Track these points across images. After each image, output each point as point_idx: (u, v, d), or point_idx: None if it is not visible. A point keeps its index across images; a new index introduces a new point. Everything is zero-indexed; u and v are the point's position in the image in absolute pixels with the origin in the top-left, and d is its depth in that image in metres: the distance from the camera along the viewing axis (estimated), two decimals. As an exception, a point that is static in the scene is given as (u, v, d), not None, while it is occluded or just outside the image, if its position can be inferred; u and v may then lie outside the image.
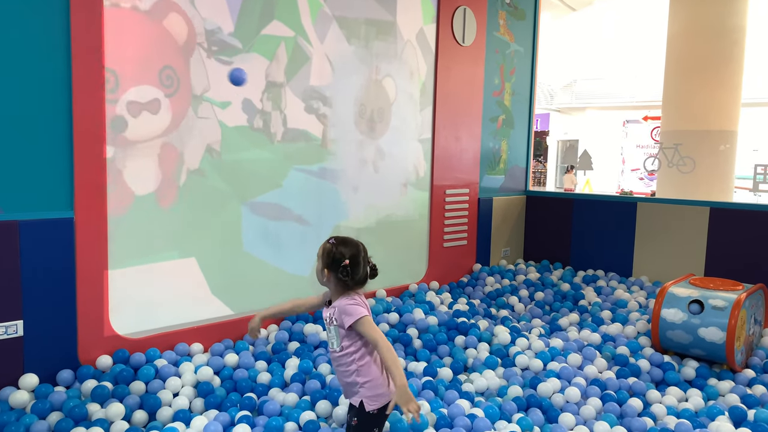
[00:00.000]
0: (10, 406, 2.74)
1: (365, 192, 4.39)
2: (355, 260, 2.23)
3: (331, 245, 2.26)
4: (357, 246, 2.28)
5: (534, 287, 4.93)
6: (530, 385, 3.21)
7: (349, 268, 2.21)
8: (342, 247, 2.25)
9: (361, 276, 2.25)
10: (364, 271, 2.26)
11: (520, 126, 5.77)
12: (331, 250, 2.25)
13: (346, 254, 2.22)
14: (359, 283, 2.26)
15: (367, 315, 2.22)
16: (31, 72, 2.84)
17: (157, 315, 3.37)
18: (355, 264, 2.23)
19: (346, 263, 2.21)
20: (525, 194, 5.88)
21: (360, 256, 2.25)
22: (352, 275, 2.22)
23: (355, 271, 2.22)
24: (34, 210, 2.90)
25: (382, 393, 2.25)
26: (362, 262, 2.25)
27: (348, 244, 2.26)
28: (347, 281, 2.22)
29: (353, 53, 4.24)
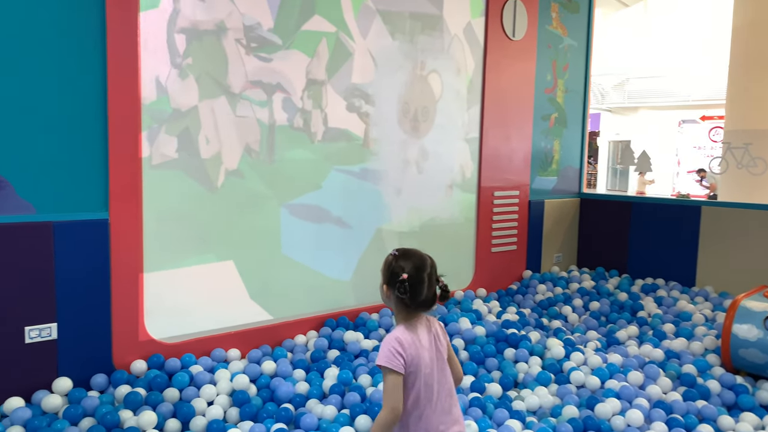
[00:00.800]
0: (42, 410, 2.67)
1: (408, 194, 4.20)
2: (417, 276, 1.84)
3: (392, 257, 1.92)
4: (422, 259, 1.90)
5: (589, 296, 4.64)
6: (587, 406, 2.96)
7: (407, 284, 1.83)
8: (403, 260, 1.88)
9: (424, 297, 1.85)
10: (431, 292, 1.86)
11: (573, 124, 5.47)
12: (391, 263, 1.90)
13: (406, 268, 1.86)
14: (422, 305, 1.86)
15: (390, 369, 1.79)
16: (66, 73, 2.77)
17: (194, 319, 3.27)
18: (418, 281, 1.84)
19: (404, 278, 1.84)
20: (579, 197, 5.58)
21: (424, 272, 1.86)
22: (412, 294, 1.83)
23: (415, 290, 1.84)
24: (68, 211, 2.83)
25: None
26: (427, 280, 1.86)
27: (411, 257, 1.90)
28: (405, 300, 1.84)
29: (397, 49, 4.05)
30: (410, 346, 1.83)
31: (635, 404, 2.91)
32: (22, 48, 2.64)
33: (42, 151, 2.73)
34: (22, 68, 2.64)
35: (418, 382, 1.84)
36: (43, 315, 2.77)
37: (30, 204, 2.72)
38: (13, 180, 2.67)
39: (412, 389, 1.84)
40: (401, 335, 1.85)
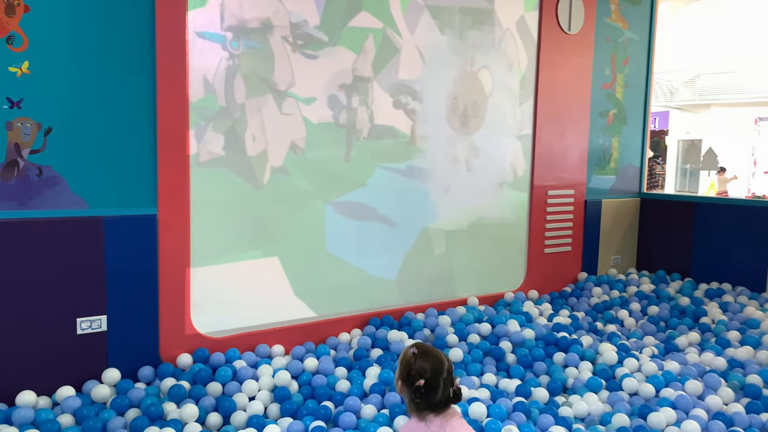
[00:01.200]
0: (92, 399, 2.76)
1: (457, 192, 4.11)
2: (433, 381, 1.82)
3: (411, 355, 1.88)
4: (440, 362, 1.86)
5: (647, 300, 4.42)
6: (639, 414, 2.80)
7: (422, 390, 1.81)
8: (422, 361, 1.84)
9: (438, 400, 1.83)
10: (444, 395, 1.83)
11: (633, 121, 5.23)
12: (410, 363, 1.86)
13: (423, 372, 1.82)
14: (434, 407, 1.84)
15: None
16: (117, 72, 2.85)
17: (239, 315, 3.31)
18: (433, 386, 1.82)
19: (420, 384, 1.81)
20: (639, 196, 5.33)
21: (441, 376, 1.83)
22: (426, 399, 1.82)
23: (430, 394, 1.82)
24: (118, 206, 2.91)
25: None
26: (442, 385, 1.83)
27: (429, 359, 1.85)
28: (419, 404, 1.83)
29: (446, 44, 3.98)
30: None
31: (692, 415, 2.74)
32: (73, 48, 2.73)
33: (94, 149, 2.83)
34: (74, 68, 2.74)
35: None
36: (93, 307, 2.86)
37: (83, 199, 2.82)
38: (67, 176, 2.77)
39: None
40: (414, 427, 1.86)
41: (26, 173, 2.68)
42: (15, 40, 2.61)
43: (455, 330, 3.65)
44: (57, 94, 2.71)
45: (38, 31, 2.65)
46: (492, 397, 2.93)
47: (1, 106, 2.60)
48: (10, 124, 2.63)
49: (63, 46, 2.71)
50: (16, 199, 2.66)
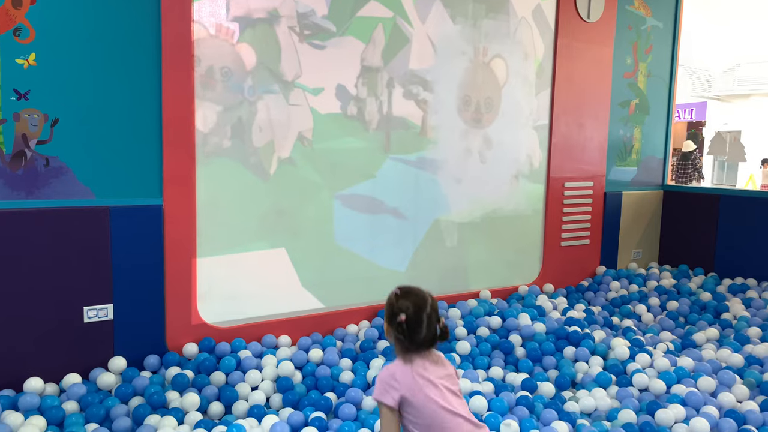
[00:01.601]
0: (97, 387, 2.80)
1: (469, 184, 4.05)
2: (415, 317, 1.81)
3: (393, 295, 1.89)
4: (423, 299, 1.85)
5: (667, 295, 4.30)
6: (647, 411, 2.73)
7: (405, 326, 1.81)
8: (403, 300, 1.85)
9: (423, 337, 1.82)
10: (429, 333, 1.83)
11: (657, 111, 5.08)
12: (392, 302, 1.87)
13: (404, 308, 1.82)
14: (420, 345, 1.83)
15: (384, 404, 1.80)
16: (123, 63, 2.88)
17: (246, 305, 3.32)
18: (416, 322, 1.81)
19: (402, 320, 1.81)
20: (662, 189, 5.18)
21: (423, 312, 1.82)
22: (410, 335, 1.81)
23: (413, 331, 1.81)
24: (124, 196, 2.94)
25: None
26: (426, 321, 1.82)
27: (410, 296, 1.86)
28: (403, 341, 1.83)
29: (459, 33, 3.92)
30: (405, 378, 1.80)
31: (702, 412, 2.65)
32: (79, 40, 2.76)
33: (100, 139, 2.86)
34: (80, 60, 2.77)
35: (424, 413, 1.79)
36: (100, 296, 2.91)
37: (89, 189, 2.86)
38: (74, 166, 2.81)
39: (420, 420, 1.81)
40: (397, 369, 1.83)
41: (34, 163, 2.73)
42: (22, 32, 2.65)
43: (464, 323, 3.61)
44: (63, 86, 2.75)
45: (44, 22, 2.68)
46: (496, 391, 2.89)
47: (9, 97, 2.65)
48: (17, 115, 2.67)
49: (69, 37, 2.74)
50: (23, 189, 2.71)
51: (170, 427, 2.48)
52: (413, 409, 1.80)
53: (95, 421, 2.54)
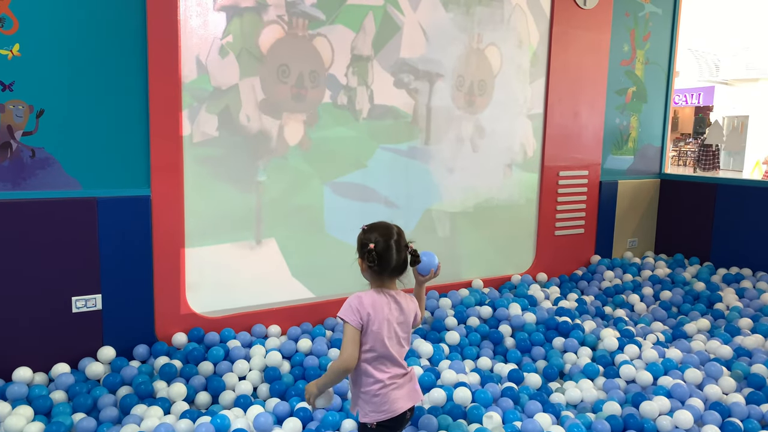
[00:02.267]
0: (86, 376, 2.82)
1: (462, 173, 4.03)
2: (384, 245, 1.94)
3: (361, 231, 2.03)
4: (388, 228, 1.99)
5: (661, 285, 4.28)
6: (632, 403, 2.73)
7: (374, 253, 1.93)
8: (370, 232, 1.99)
9: (393, 263, 1.95)
10: (399, 258, 1.96)
11: (655, 99, 5.04)
12: (361, 237, 2.01)
13: (372, 239, 1.95)
14: (393, 272, 1.98)
15: (347, 323, 1.92)
16: (108, 53, 2.86)
17: (235, 295, 3.33)
18: (384, 249, 1.94)
19: (371, 247, 1.93)
20: (659, 177, 5.15)
21: (391, 239, 1.95)
22: (380, 262, 1.94)
23: (383, 257, 1.93)
24: (112, 187, 2.94)
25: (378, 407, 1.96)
26: (394, 247, 1.95)
27: (377, 229, 1.99)
28: (375, 267, 1.94)
29: (451, 21, 3.88)
30: (371, 306, 1.93)
31: (687, 405, 2.65)
32: (64, 30, 2.75)
33: (87, 130, 2.85)
34: (65, 50, 2.76)
35: (376, 343, 1.93)
36: (88, 286, 2.92)
37: (76, 180, 2.86)
38: (60, 158, 2.81)
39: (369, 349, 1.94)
40: (365, 295, 1.96)
41: (19, 155, 2.73)
42: (5, 23, 2.64)
43: (455, 312, 3.61)
44: (49, 76, 2.74)
45: (28, 13, 2.67)
46: (482, 382, 2.89)
47: (-7, 88, 2.65)
48: (2, 107, 2.67)
49: (53, 28, 2.73)
50: (9, 180, 2.72)
51: (156, 417, 2.50)
52: (365, 336, 1.94)
53: (82, 410, 2.57)
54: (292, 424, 2.45)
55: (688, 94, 20.70)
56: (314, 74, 3.41)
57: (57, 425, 2.35)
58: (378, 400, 1.95)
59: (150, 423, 2.41)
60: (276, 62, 3.29)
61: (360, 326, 1.93)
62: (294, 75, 3.35)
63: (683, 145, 20.75)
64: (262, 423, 2.45)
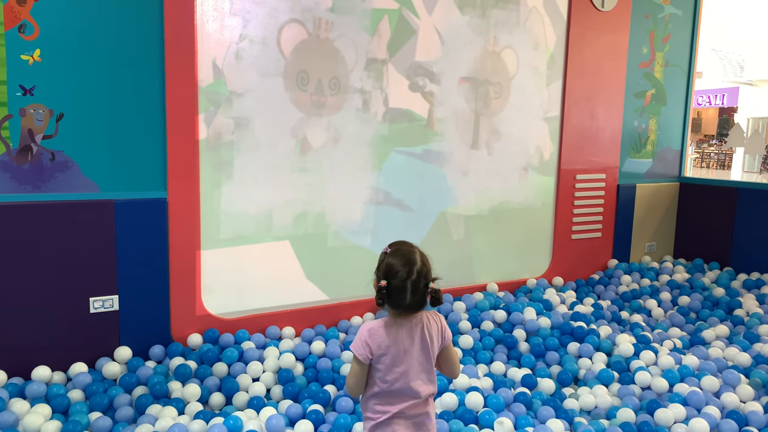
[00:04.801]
0: (103, 376, 2.87)
1: (477, 176, 4.02)
2: (396, 282, 1.67)
3: (383, 253, 1.76)
4: (409, 263, 1.69)
5: (679, 290, 4.23)
6: (647, 410, 2.70)
7: (384, 292, 1.67)
8: (391, 259, 1.71)
9: (408, 303, 1.68)
10: (415, 299, 1.68)
11: (674, 101, 4.97)
12: (381, 259, 1.75)
13: (389, 272, 1.68)
14: (405, 309, 1.72)
15: (355, 357, 1.75)
16: (126, 58, 2.91)
17: (250, 296, 3.36)
18: (398, 289, 1.66)
19: (383, 285, 1.68)
20: (678, 181, 5.08)
21: (408, 279, 1.66)
22: (390, 301, 1.69)
23: (394, 297, 1.68)
24: (129, 190, 2.99)
25: None
26: (410, 288, 1.66)
27: (399, 257, 1.70)
28: (382, 305, 1.69)
29: (467, 24, 3.87)
30: (383, 340, 1.74)
31: (703, 413, 2.61)
32: (83, 35, 2.80)
33: (105, 134, 2.90)
34: (84, 55, 2.81)
35: (387, 375, 1.75)
36: (105, 287, 2.96)
37: (94, 183, 2.91)
38: (79, 160, 2.86)
39: (378, 381, 1.76)
40: (377, 328, 1.75)
41: (39, 158, 2.78)
42: (26, 29, 2.70)
43: (469, 316, 3.60)
44: (68, 81, 2.79)
45: (49, 19, 2.72)
46: (495, 387, 2.88)
47: (15, 93, 2.70)
48: (23, 111, 2.73)
49: (73, 33, 2.78)
50: (30, 183, 2.77)
51: (170, 417, 2.53)
52: (374, 371, 1.76)
53: (99, 410, 2.61)
54: (304, 427, 2.46)
55: (711, 95, 20.38)
56: (332, 78, 3.43)
57: (74, 424, 2.39)
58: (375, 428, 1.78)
59: (164, 423, 2.44)
60: (292, 66, 3.32)
61: (368, 361, 1.75)
62: (311, 79, 3.37)
63: (706, 147, 20.44)
64: (274, 425, 2.46)
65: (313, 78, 3.37)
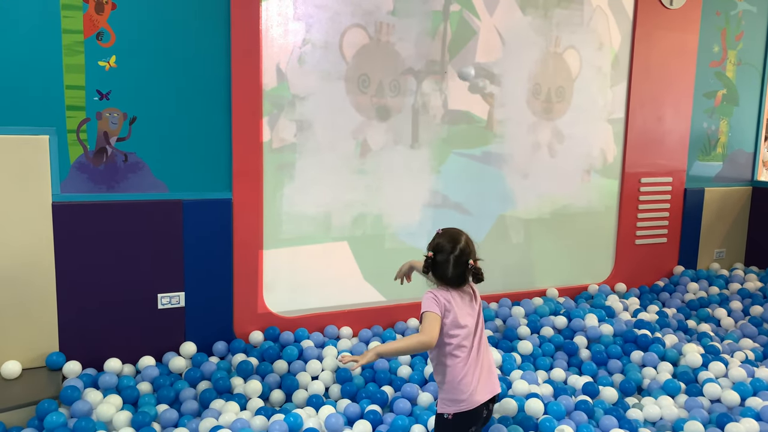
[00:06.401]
0: (169, 370, 2.98)
1: (537, 179, 3.96)
2: (441, 257, 2.01)
3: (436, 233, 2.09)
4: (454, 240, 2.03)
5: (752, 299, 4.04)
6: (717, 423, 2.59)
7: (430, 261, 2.02)
8: (440, 239, 2.05)
9: (450, 276, 2.02)
10: (456, 273, 2.02)
11: (747, 102, 4.75)
12: (433, 239, 2.08)
13: (438, 248, 2.03)
14: (448, 282, 2.04)
15: (430, 312, 1.98)
16: (195, 64, 3.01)
17: (310, 296, 3.42)
18: (442, 262, 2.01)
19: (429, 256, 2.02)
20: (751, 185, 4.86)
21: (452, 254, 2.00)
22: (435, 271, 2.04)
23: (438, 269, 2.03)
24: (196, 190, 3.09)
25: (457, 399, 2.02)
26: (452, 262, 2.00)
27: (446, 236, 2.05)
28: (428, 275, 2.06)
29: (528, 24, 3.82)
30: (445, 299, 2.00)
31: (778, 429, 2.49)
32: (155, 42, 2.92)
33: (174, 137, 3.01)
34: (155, 61, 2.93)
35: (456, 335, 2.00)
36: (173, 284, 3.08)
37: (164, 183, 3.02)
38: (150, 162, 2.99)
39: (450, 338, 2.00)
40: (435, 291, 2.04)
41: (114, 159, 2.92)
42: (104, 36, 2.83)
43: (528, 322, 3.55)
44: (140, 86, 2.92)
45: (124, 26, 2.85)
46: (555, 394, 2.83)
47: (92, 97, 2.84)
48: (99, 114, 2.86)
49: (145, 40, 2.90)
50: (104, 183, 2.91)
51: (233, 412, 2.60)
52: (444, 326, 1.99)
53: (166, 402, 2.71)
54: (362, 427, 2.48)
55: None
56: (392, 81, 3.45)
57: (143, 415, 2.49)
58: (460, 395, 2.00)
59: (227, 418, 2.51)
60: (353, 69, 3.35)
61: (441, 313, 1.99)
62: (372, 82, 3.40)
63: None
64: (333, 423, 2.49)
65: (373, 81, 3.40)
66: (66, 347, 2.88)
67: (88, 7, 2.78)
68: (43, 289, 2.82)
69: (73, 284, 2.86)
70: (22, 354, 2.81)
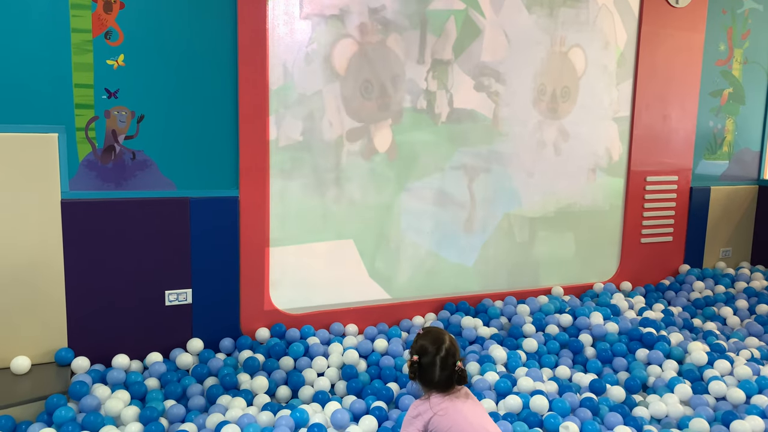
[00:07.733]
0: (177, 366, 3.00)
1: (542, 177, 3.97)
2: (426, 359, 1.91)
3: (417, 334, 2.02)
4: (439, 342, 1.93)
5: (758, 297, 4.03)
6: (722, 421, 2.60)
7: (416, 365, 1.92)
8: (422, 340, 1.96)
9: (438, 379, 1.91)
10: (443, 375, 1.90)
11: (753, 100, 4.74)
12: (415, 340, 1.99)
13: (421, 351, 1.93)
14: (435, 387, 1.92)
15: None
16: (202, 62, 3.03)
17: (316, 293, 3.44)
18: (428, 364, 1.91)
19: (415, 359, 1.93)
20: (757, 184, 4.84)
21: (437, 355, 1.90)
22: (421, 376, 1.93)
23: (425, 372, 1.92)
24: (203, 188, 3.11)
25: None
26: (439, 364, 1.90)
27: (429, 337, 1.95)
28: (415, 380, 1.95)
29: (534, 23, 3.82)
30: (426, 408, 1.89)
31: (784, 427, 2.49)
32: (163, 40, 2.94)
33: (181, 135, 3.04)
34: (163, 59, 2.95)
35: None
36: (180, 281, 3.10)
37: (171, 181, 3.05)
38: (158, 160, 3.01)
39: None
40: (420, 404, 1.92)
41: (122, 157, 2.94)
42: (112, 35, 2.86)
43: (533, 320, 3.56)
44: (148, 84, 2.94)
45: (132, 25, 2.87)
46: (560, 392, 2.84)
47: (101, 96, 2.87)
48: (108, 113, 2.89)
49: (153, 39, 2.92)
50: (113, 181, 2.94)
51: (239, 408, 2.62)
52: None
53: (173, 398, 2.73)
54: (368, 423, 2.50)
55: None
56: (396, 80, 3.46)
57: (150, 410, 2.51)
58: None
59: (234, 413, 2.53)
60: (359, 68, 3.37)
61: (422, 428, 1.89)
62: (378, 80, 3.42)
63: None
64: (339, 419, 2.51)
65: (379, 79, 3.42)
66: (74, 343, 2.91)
67: (96, 6, 2.80)
68: (52, 286, 2.85)
69: (81, 281, 2.89)
70: (32, 350, 2.84)
